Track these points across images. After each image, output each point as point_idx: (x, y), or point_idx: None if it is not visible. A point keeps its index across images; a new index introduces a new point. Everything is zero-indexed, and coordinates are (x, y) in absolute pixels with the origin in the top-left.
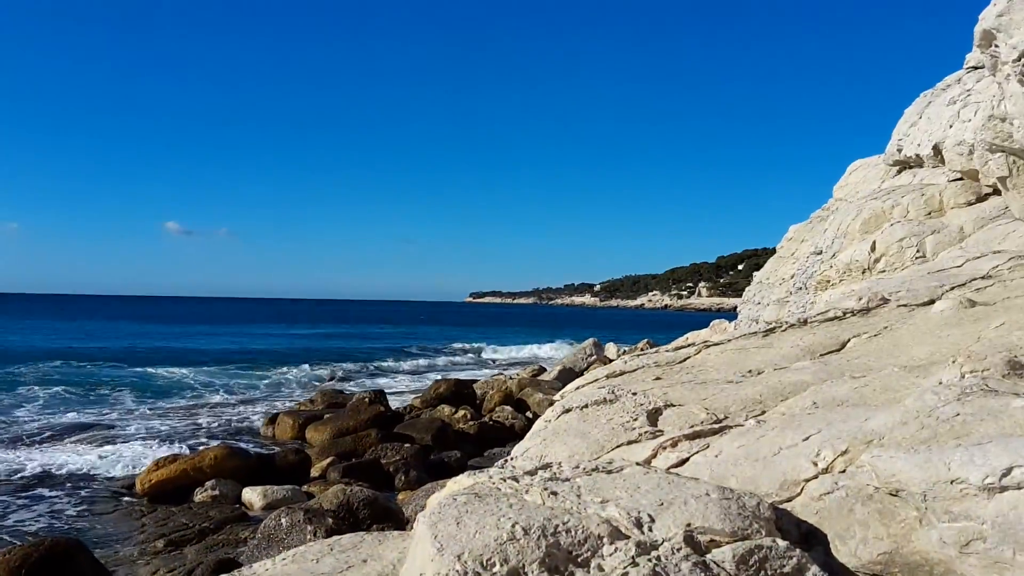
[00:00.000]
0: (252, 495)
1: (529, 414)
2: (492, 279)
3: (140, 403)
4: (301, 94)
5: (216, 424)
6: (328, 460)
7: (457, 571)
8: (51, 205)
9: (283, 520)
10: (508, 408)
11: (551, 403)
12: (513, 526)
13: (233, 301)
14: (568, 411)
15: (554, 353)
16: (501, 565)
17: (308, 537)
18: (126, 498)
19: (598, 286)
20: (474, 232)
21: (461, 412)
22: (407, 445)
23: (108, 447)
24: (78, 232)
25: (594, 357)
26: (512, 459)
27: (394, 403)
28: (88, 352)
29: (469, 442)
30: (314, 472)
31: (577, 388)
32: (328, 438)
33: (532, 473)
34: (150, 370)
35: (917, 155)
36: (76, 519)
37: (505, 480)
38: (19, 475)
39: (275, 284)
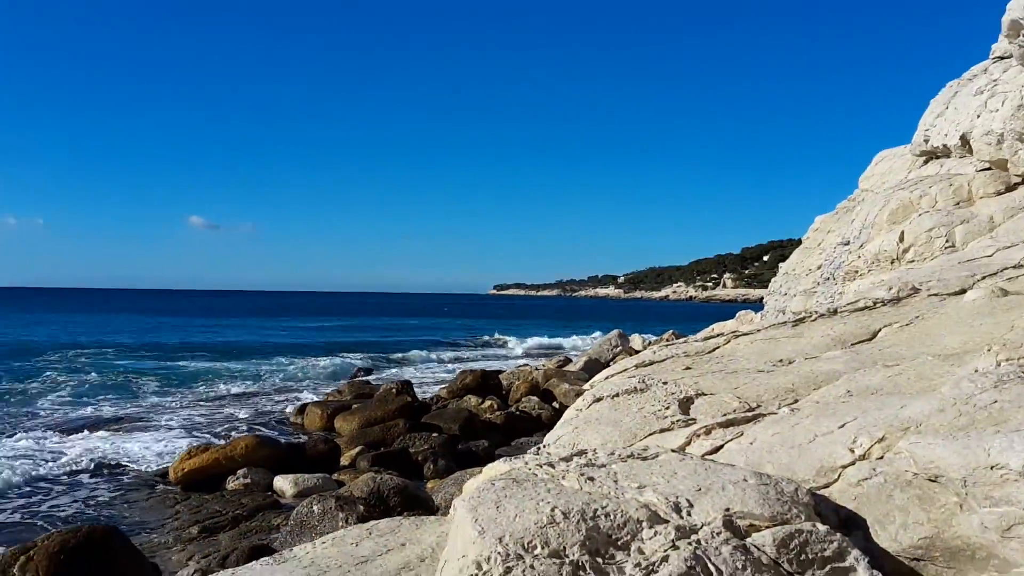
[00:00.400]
0: (283, 483)
1: (555, 404)
2: (515, 271)
3: (169, 394)
4: (327, 88)
5: (246, 414)
6: (357, 449)
7: (499, 553)
8: (75, 200)
9: (315, 507)
10: (534, 398)
11: (578, 393)
12: (553, 510)
13: (258, 295)
14: (599, 400)
15: (579, 344)
16: (542, 547)
17: (340, 524)
18: (160, 486)
19: (622, 278)
20: (497, 225)
21: (488, 402)
22: (435, 435)
23: (140, 436)
24: (102, 227)
25: (620, 348)
26: (544, 447)
27: (420, 394)
28: (116, 344)
29: (496, 432)
30: (344, 461)
31: (607, 378)
32: (356, 428)
33: (567, 460)
34: (179, 363)
35: (944, 145)
36: (111, 506)
37: (541, 466)
38: (54, 464)
39: (300, 278)
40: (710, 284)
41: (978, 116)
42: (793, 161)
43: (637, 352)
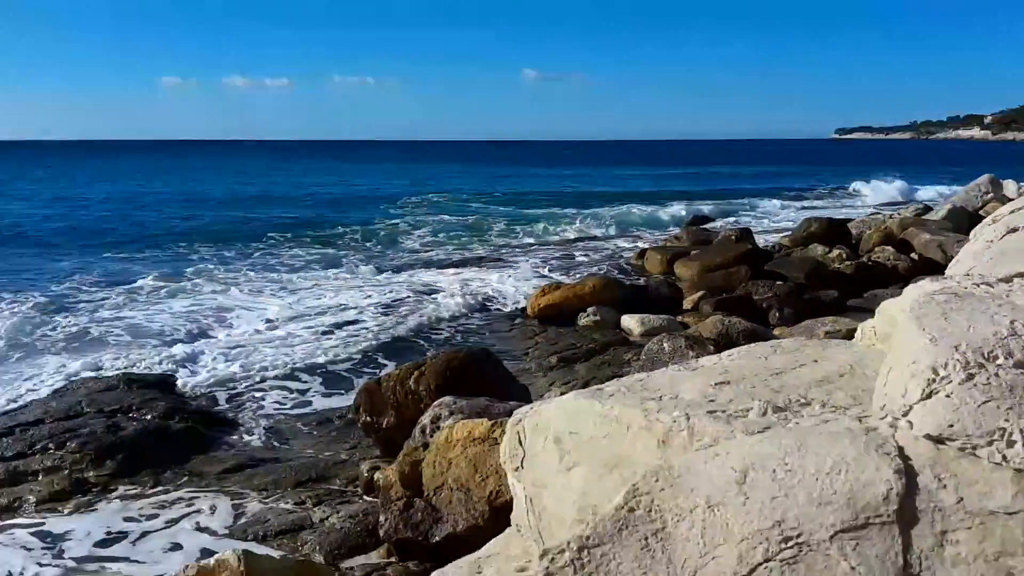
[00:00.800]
0: (630, 322)
1: (914, 256)
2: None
3: (518, 236)
4: None
5: (590, 256)
6: (699, 294)
7: (957, 360)
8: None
9: (665, 344)
10: (889, 249)
11: (939, 244)
12: (1012, 323)
13: (592, 144)
14: (1015, 231)
15: (936, 193)
16: (1005, 358)
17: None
18: (519, 319)
19: (989, 117)
20: (839, 60)
21: (836, 252)
22: (779, 283)
23: (499, 274)
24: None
25: (991, 195)
26: (950, 277)
27: (761, 242)
28: (470, 191)
29: (846, 282)
30: (686, 304)
31: (1012, 211)
32: (697, 273)
33: (1007, 280)
34: (527, 209)
35: None
36: (480, 334)
37: (979, 285)
38: (427, 297)
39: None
40: None
41: None
42: None
43: (1011, 200)
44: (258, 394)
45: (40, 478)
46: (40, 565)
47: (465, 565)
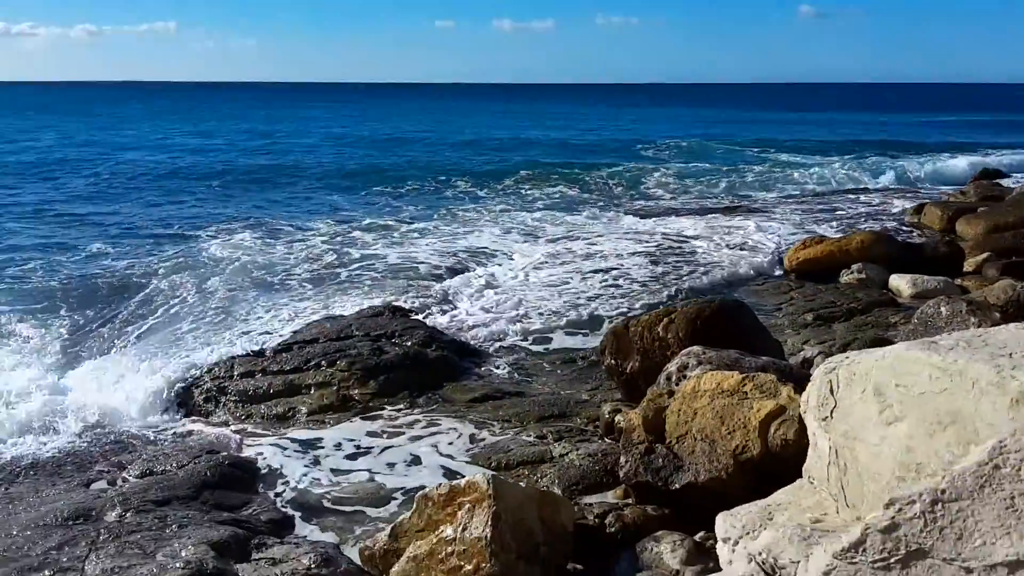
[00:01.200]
0: (900, 282)
1: None
2: None
3: (775, 186)
4: None
5: (857, 209)
6: (983, 256)
7: None
8: None
9: (942, 308)
10: None
11: None
12: None
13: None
14: None
15: None
16: None
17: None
18: (776, 272)
19: None
20: None
21: None
22: None
23: (756, 224)
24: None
25: None
26: None
27: None
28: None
29: None
30: (967, 267)
31: None
32: (982, 232)
33: None
34: (784, 156)
35: None
36: (731, 286)
37: None
38: (682, 242)
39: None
40: None
41: None
42: None
43: None
44: (507, 331)
45: (312, 392)
46: (306, 467)
47: (755, 510)
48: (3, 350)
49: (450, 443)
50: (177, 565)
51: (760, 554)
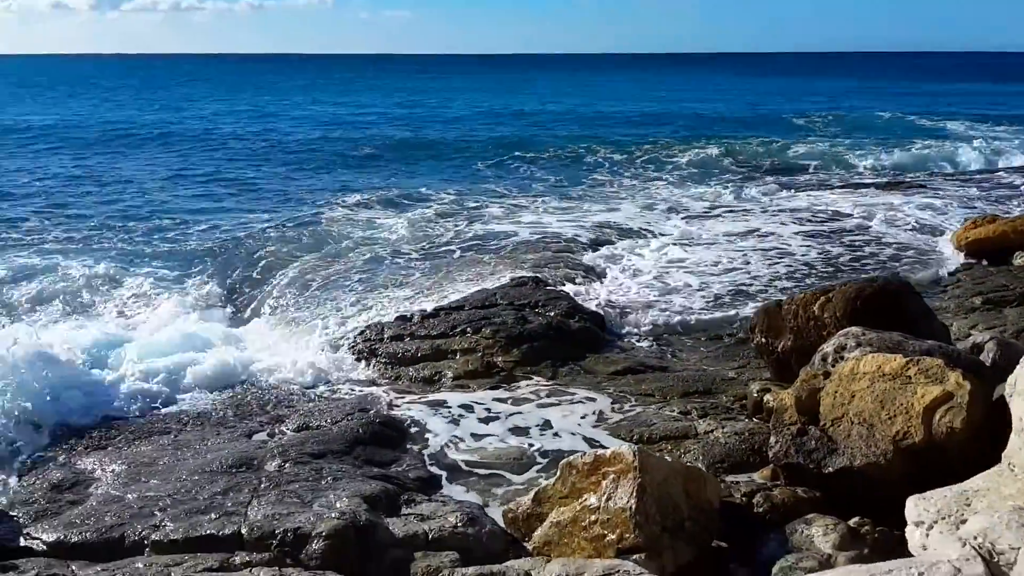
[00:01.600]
0: None
1: None
2: None
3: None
4: None
5: None
6: None
7: None
8: None
9: None
10: None
11: None
12: None
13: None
14: None
15: None
16: None
17: None
18: (943, 252)
19: None
20: None
21: None
22: None
23: (919, 200)
24: None
25: None
26: None
27: None
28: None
29: None
30: None
31: None
32: None
33: None
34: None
35: None
36: (893, 265)
37: None
38: (837, 218)
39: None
40: None
41: None
42: None
43: None
44: (651, 304)
45: (458, 357)
46: (451, 429)
47: (951, 495)
48: (175, 304)
49: (592, 413)
50: (333, 515)
51: (976, 538)
